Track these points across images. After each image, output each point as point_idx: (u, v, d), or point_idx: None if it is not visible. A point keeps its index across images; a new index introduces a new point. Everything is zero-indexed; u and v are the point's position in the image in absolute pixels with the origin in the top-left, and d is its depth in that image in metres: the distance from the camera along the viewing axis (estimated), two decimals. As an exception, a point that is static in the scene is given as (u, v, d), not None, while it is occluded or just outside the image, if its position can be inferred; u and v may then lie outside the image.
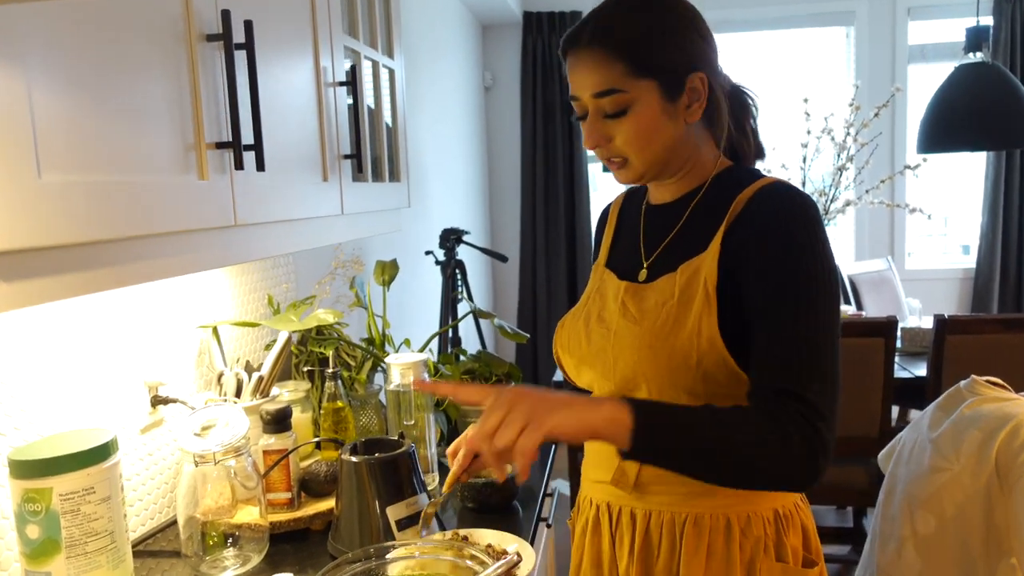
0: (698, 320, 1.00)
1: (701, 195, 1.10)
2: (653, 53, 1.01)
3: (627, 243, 1.19)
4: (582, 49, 1.03)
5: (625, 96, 1.01)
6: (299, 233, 1.22)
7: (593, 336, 1.12)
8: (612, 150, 1.06)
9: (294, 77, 1.19)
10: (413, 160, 2.93)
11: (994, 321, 2.46)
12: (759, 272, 0.99)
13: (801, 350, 0.95)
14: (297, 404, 1.52)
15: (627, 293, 1.10)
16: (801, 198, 1.01)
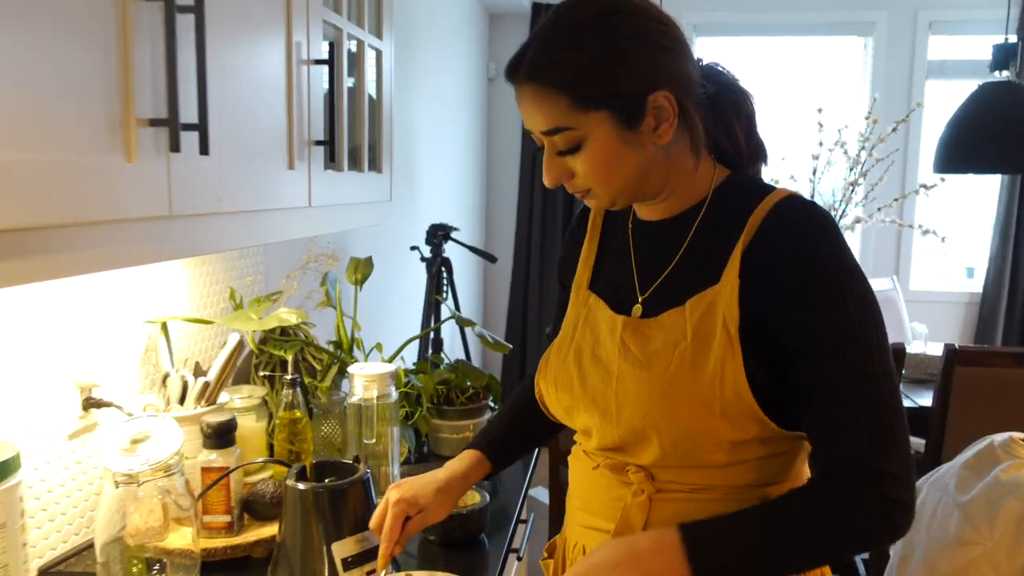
0: (720, 365, 0.87)
1: (703, 213, 0.96)
2: (599, 82, 0.87)
3: (615, 264, 1.05)
4: (522, 85, 0.91)
5: (575, 133, 0.89)
6: (255, 227, 1.08)
7: (589, 378, 0.98)
8: (575, 185, 0.95)
9: (258, 51, 1.05)
10: (406, 150, 2.79)
11: (1006, 355, 2.33)
12: (797, 317, 0.87)
13: (869, 413, 0.84)
14: (251, 412, 1.39)
15: (626, 330, 0.96)
16: (823, 215, 0.88)
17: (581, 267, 1.08)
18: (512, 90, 0.95)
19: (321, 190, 1.27)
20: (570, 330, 1.04)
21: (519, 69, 0.91)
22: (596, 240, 1.10)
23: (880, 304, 0.91)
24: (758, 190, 0.94)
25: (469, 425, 1.59)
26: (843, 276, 0.85)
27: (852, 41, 4.26)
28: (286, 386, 1.38)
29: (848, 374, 0.84)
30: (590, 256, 1.09)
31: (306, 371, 1.54)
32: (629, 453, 0.96)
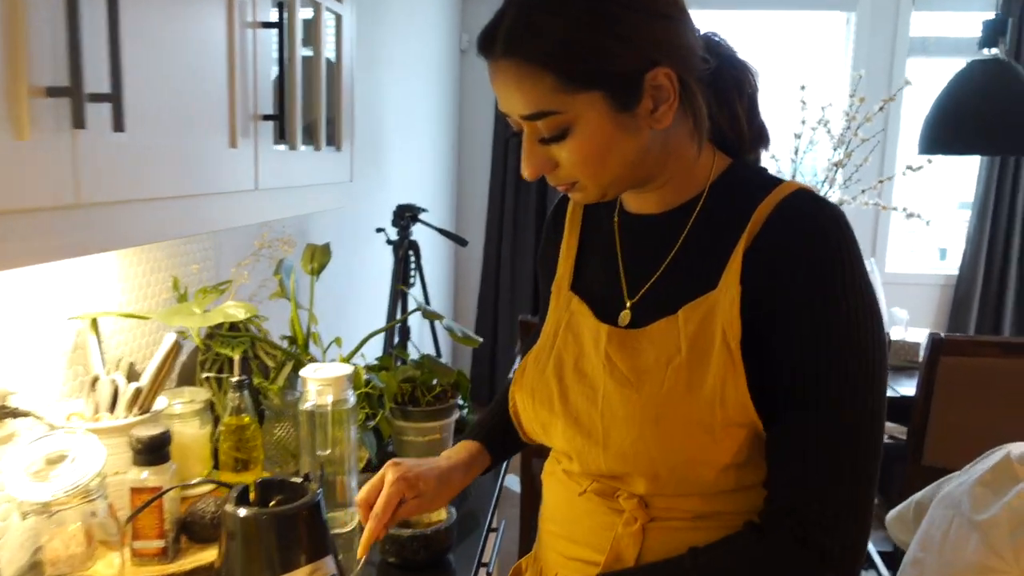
0: (719, 385, 0.76)
1: (700, 208, 0.84)
2: (592, 56, 0.74)
3: (599, 262, 0.92)
4: (499, 61, 0.78)
5: (561, 117, 0.76)
6: (188, 214, 0.94)
7: (571, 395, 0.86)
8: (559, 176, 0.81)
9: (191, 9, 0.91)
10: (372, 126, 2.63)
11: (992, 344, 2.26)
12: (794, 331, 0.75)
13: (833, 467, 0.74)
14: (193, 417, 1.25)
15: (611, 342, 0.84)
16: (838, 215, 0.77)
17: (561, 266, 0.96)
18: (485, 63, 0.82)
19: (270, 170, 1.12)
20: (550, 337, 0.92)
21: (494, 42, 0.78)
22: (576, 235, 0.97)
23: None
24: (763, 183, 0.82)
25: (436, 427, 1.47)
26: (854, 294, 0.75)
27: (834, 16, 4.16)
28: (232, 388, 1.24)
29: (829, 410, 0.74)
30: (570, 253, 0.96)
31: (258, 369, 1.41)
32: (620, 479, 0.84)
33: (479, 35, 0.81)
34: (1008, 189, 4.05)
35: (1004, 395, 2.27)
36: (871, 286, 0.76)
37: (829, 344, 0.74)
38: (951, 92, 2.73)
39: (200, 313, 1.27)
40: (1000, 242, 4.11)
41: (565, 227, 0.99)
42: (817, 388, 0.74)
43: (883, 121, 4.03)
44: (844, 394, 0.74)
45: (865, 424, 0.74)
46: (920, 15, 4.06)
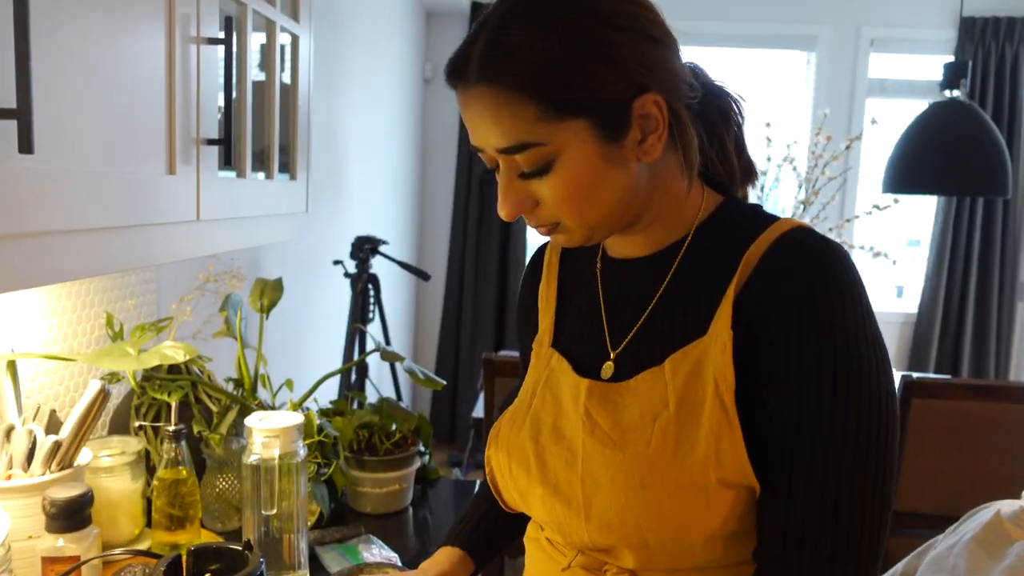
0: (713, 443, 0.67)
1: (686, 248, 0.76)
2: (577, 81, 0.67)
3: (580, 313, 0.84)
4: (471, 89, 0.70)
5: (544, 150, 0.68)
6: (116, 249, 0.83)
7: (548, 458, 0.77)
8: (540, 216, 0.73)
9: (124, 19, 0.81)
10: (332, 155, 2.53)
11: (965, 387, 2.22)
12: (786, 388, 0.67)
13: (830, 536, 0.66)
14: (124, 471, 1.13)
15: (591, 397, 0.75)
16: (840, 260, 0.69)
17: (543, 321, 0.88)
18: (449, 93, 0.73)
19: (214, 200, 1.02)
20: (528, 396, 0.83)
21: (466, 67, 0.69)
22: (554, 284, 0.89)
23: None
24: (758, 220, 0.75)
25: (395, 477, 1.36)
26: (857, 343, 0.66)
27: (796, 55, 4.20)
28: (168, 439, 1.12)
29: (829, 474, 0.66)
30: (549, 307, 0.88)
31: (200, 414, 1.29)
32: (607, 552, 0.75)
33: (449, 60, 0.72)
34: (964, 228, 4.10)
35: (976, 439, 2.23)
36: (878, 331, 0.68)
37: (830, 399, 0.66)
38: (915, 132, 2.74)
39: (134, 354, 1.15)
40: (958, 281, 4.15)
41: (542, 279, 0.90)
42: (813, 449, 0.66)
43: (844, 160, 4.07)
44: (846, 454, 0.66)
45: (868, 491, 0.66)
46: (878, 57, 4.13)
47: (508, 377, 2.06)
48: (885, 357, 0.68)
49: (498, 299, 4.20)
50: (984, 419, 2.21)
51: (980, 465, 2.24)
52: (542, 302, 0.89)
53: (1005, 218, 4.08)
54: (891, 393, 0.67)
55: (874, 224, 4.23)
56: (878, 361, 0.67)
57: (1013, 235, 4.12)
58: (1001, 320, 4.17)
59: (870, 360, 0.66)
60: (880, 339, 0.68)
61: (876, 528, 0.67)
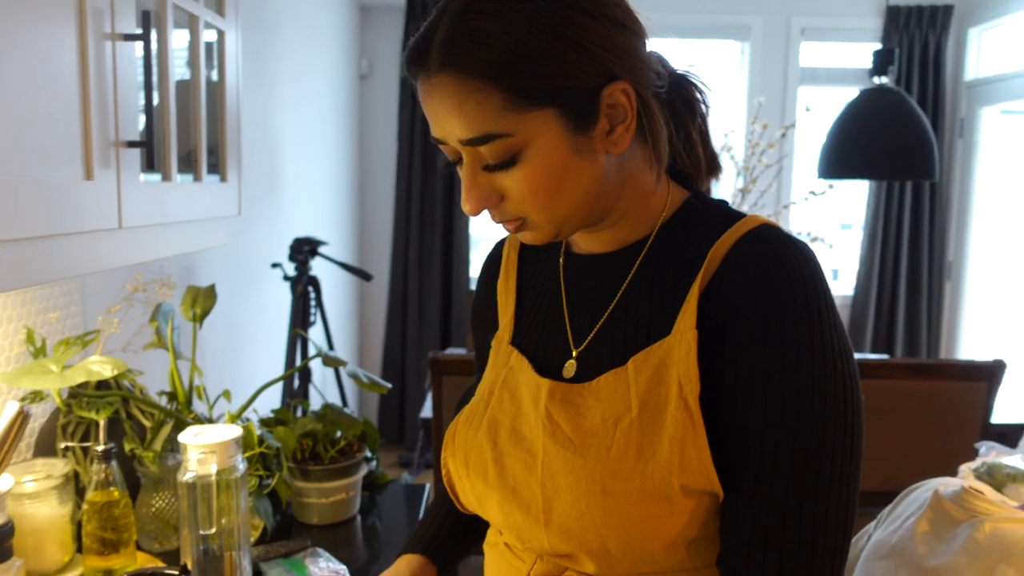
0: (677, 448, 0.65)
1: (650, 245, 0.74)
2: (546, 69, 0.64)
3: (541, 310, 0.81)
4: (433, 77, 0.66)
5: (511, 141, 0.66)
6: (28, 261, 0.78)
7: (507, 461, 0.74)
8: (506, 211, 0.70)
9: (27, 17, 0.75)
10: (267, 155, 2.46)
11: (900, 366, 2.28)
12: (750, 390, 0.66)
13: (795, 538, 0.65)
14: (51, 495, 1.07)
15: (553, 399, 0.73)
16: (806, 260, 0.67)
17: (502, 318, 0.85)
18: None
19: (137, 206, 0.97)
20: (485, 395, 0.80)
21: (428, 55, 0.66)
22: (513, 281, 0.86)
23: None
24: (724, 216, 0.73)
25: (341, 486, 1.32)
26: (823, 343, 0.65)
27: (730, 45, 4.26)
28: (97, 459, 1.06)
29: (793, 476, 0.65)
30: (509, 304, 0.85)
31: (133, 431, 1.23)
32: (567, 558, 0.73)
33: (408, 48, 0.68)
34: (895, 211, 4.22)
35: (913, 417, 2.29)
36: (843, 332, 0.67)
37: (794, 403, 0.64)
38: (846, 119, 2.80)
39: (58, 371, 1.09)
40: (890, 262, 4.27)
41: (501, 275, 0.87)
42: (778, 453, 0.65)
43: (780, 147, 4.15)
44: (810, 459, 0.64)
45: (834, 495, 0.65)
46: (809, 45, 4.21)
47: (455, 376, 2.03)
48: (851, 358, 0.67)
49: (443, 296, 4.15)
50: (919, 396, 2.28)
51: (918, 441, 2.30)
52: (501, 298, 0.86)
53: (932, 201, 4.22)
54: (857, 395, 0.66)
55: (810, 209, 4.33)
56: (844, 363, 0.66)
57: (940, 217, 4.26)
58: (931, 299, 4.32)
59: (835, 362, 0.65)
60: (845, 340, 0.67)
61: (841, 533, 0.66)
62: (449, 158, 0.72)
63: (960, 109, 4.17)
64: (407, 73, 0.69)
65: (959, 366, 2.28)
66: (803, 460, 0.64)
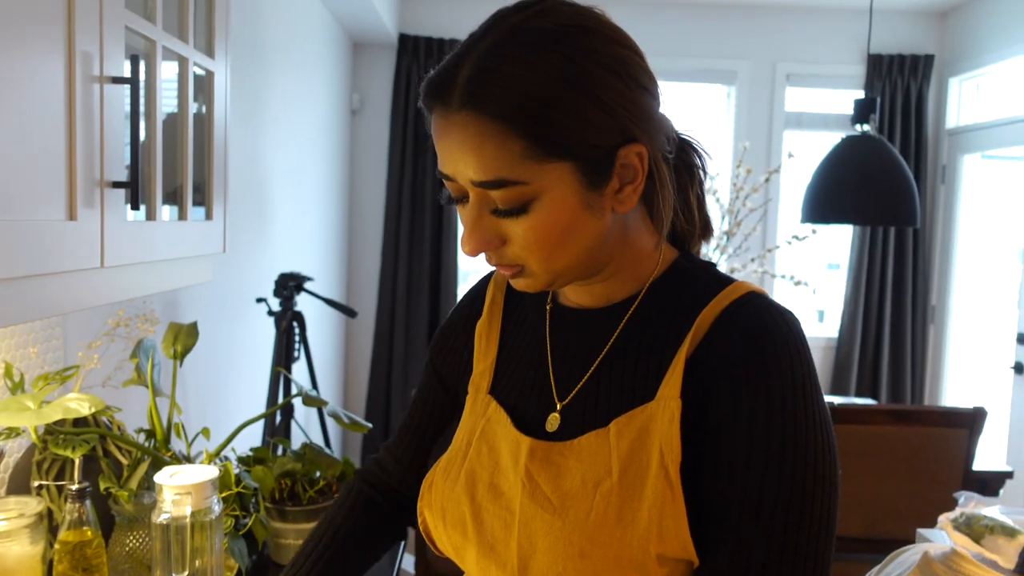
0: (656, 516, 0.65)
1: (637, 305, 0.75)
2: (570, 122, 0.64)
3: (524, 361, 0.81)
4: (454, 114, 0.66)
5: (525, 189, 0.66)
6: (7, 300, 0.78)
7: (484, 516, 0.74)
8: (506, 256, 0.70)
9: (14, 61, 0.77)
10: (255, 189, 2.47)
11: (884, 412, 2.30)
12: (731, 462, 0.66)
13: None
14: (23, 534, 1.05)
15: (534, 459, 0.72)
16: (792, 332, 0.68)
17: (480, 362, 0.84)
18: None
19: (120, 245, 0.97)
20: (463, 446, 0.79)
21: (451, 90, 0.65)
22: (497, 327, 0.85)
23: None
24: (711, 281, 0.74)
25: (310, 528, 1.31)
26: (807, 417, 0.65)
27: (717, 89, 4.33)
28: (71, 498, 1.05)
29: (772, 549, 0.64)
30: (490, 349, 0.84)
31: (109, 468, 1.22)
32: None
33: (429, 80, 0.68)
34: (879, 254, 4.27)
35: (895, 462, 2.30)
36: (824, 405, 0.67)
37: (776, 476, 0.64)
38: (829, 165, 2.84)
39: (35, 408, 1.08)
40: (874, 306, 4.31)
41: (483, 316, 0.86)
42: (755, 525, 0.64)
43: (765, 191, 4.20)
44: (788, 533, 0.64)
45: (809, 565, 0.64)
46: (793, 91, 4.29)
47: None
48: (831, 432, 0.67)
49: (430, 333, 4.15)
50: (902, 442, 2.28)
51: (900, 487, 2.30)
52: (480, 342, 0.85)
53: (916, 244, 4.27)
54: (836, 469, 0.66)
55: (796, 249, 4.38)
56: (825, 436, 0.66)
57: (924, 261, 4.31)
58: (915, 342, 4.35)
59: (817, 436, 0.65)
60: (826, 413, 0.67)
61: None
62: (452, 195, 0.71)
63: (942, 156, 4.25)
64: (424, 103, 0.68)
65: (941, 413, 2.30)
66: (781, 533, 0.64)
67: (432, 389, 0.93)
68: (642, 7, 4.13)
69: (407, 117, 4.06)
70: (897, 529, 2.30)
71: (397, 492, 0.98)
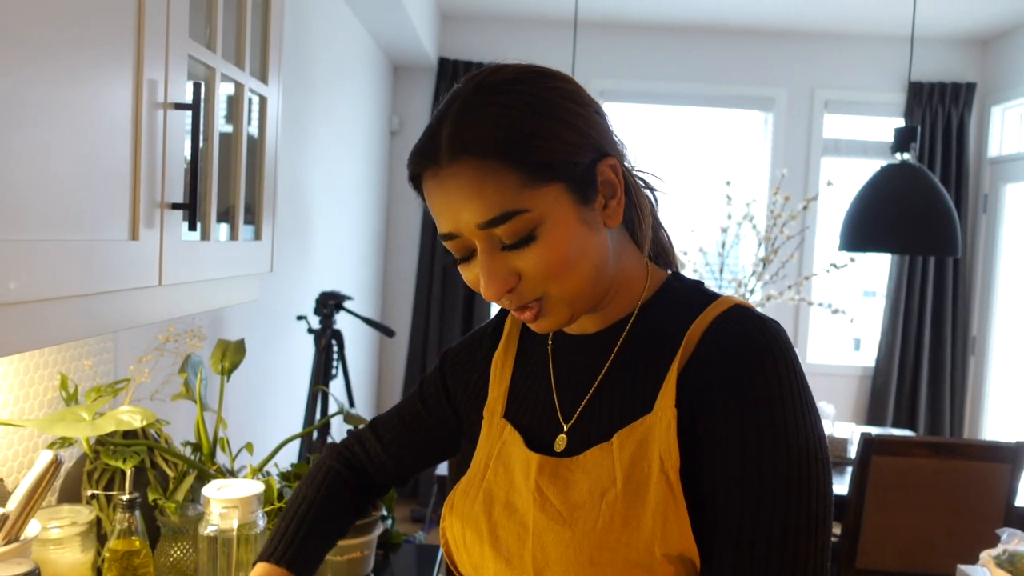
0: (660, 520, 0.68)
1: (631, 326, 0.79)
2: (548, 144, 0.70)
3: (533, 387, 0.85)
4: (445, 169, 0.70)
5: (529, 217, 0.70)
6: (71, 318, 0.81)
7: (500, 532, 0.77)
8: (524, 294, 0.73)
9: (88, 84, 0.81)
10: (298, 209, 2.53)
11: (923, 444, 2.26)
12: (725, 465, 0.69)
13: None
14: (75, 542, 1.09)
15: (543, 474, 0.76)
16: (776, 339, 0.71)
17: (494, 389, 0.88)
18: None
19: (178, 264, 1.01)
20: (481, 467, 0.83)
21: (436, 151, 0.71)
22: (512, 357, 0.89)
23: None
24: (699, 299, 0.78)
25: (357, 544, 1.33)
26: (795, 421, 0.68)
27: (754, 115, 4.33)
28: (122, 508, 1.08)
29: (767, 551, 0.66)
30: (504, 377, 0.88)
31: (156, 480, 1.25)
32: None
33: (413, 154, 0.73)
34: (918, 283, 4.21)
35: (934, 496, 2.26)
36: (814, 408, 0.71)
37: (768, 477, 0.67)
38: (868, 193, 2.83)
39: (89, 420, 1.12)
40: (912, 335, 4.24)
41: (500, 347, 0.91)
42: (755, 527, 0.67)
43: (803, 218, 4.18)
44: (787, 533, 0.66)
45: (809, 567, 0.67)
46: (832, 118, 4.27)
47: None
48: (820, 433, 0.69)
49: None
50: (941, 476, 2.24)
51: (939, 521, 2.26)
52: (496, 369, 0.89)
53: (956, 274, 4.20)
54: (827, 470, 0.69)
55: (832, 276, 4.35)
56: (814, 438, 0.68)
57: (964, 291, 4.24)
58: (955, 374, 4.26)
59: (806, 437, 0.68)
60: (816, 416, 0.70)
61: None
62: (456, 256, 0.75)
63: (984, 185, 4.19)
64: (412, 176, 0.74)
65: (982, 447, 2.25)
66: (776, 531, 0.66)
67: (435, 393, 0.98)
68: (679, 34, 4.16)
69: (445, 139, 4.11)
70: (935, 564, 2.26)
71: (367, 475, 1.03)
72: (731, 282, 3.04)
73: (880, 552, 2.29)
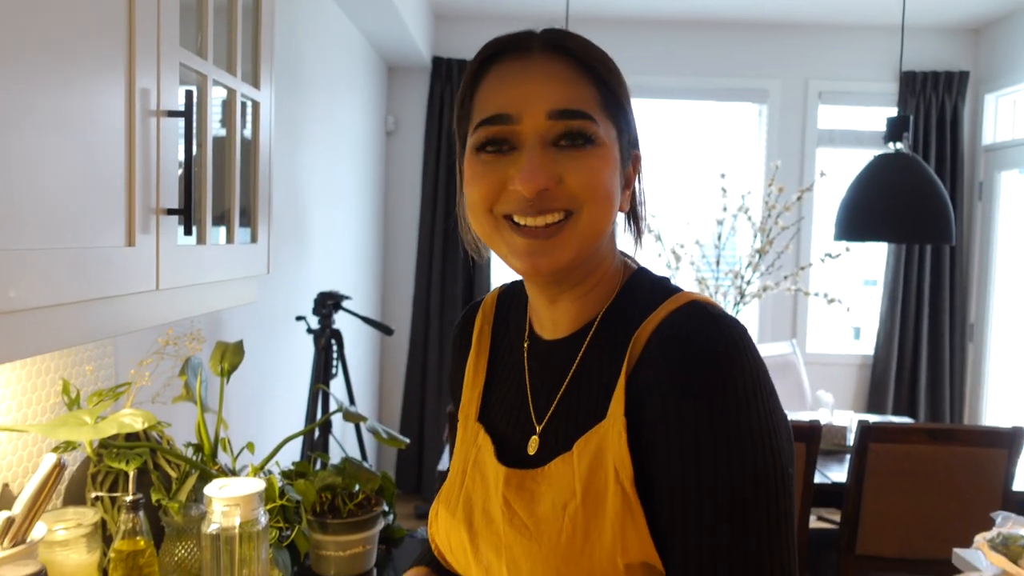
0: (619, 531, 0.66)
1: (595, 329, 0.76)
2: (623, 96, 0.75)
3: (509, 391, 0.83)
4: (537, 55, 0.72)
5: (595, 129, 0.71)
6: (70, 324, 0.83)
7: (480, 542, 0.77)
8: (558, 197, 0.70)
9: (81, 93, 0.82)
10: (295, 210, 2.55)
11: (920, 431, 2.28)
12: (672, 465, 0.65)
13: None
14: (79, 542, 1.11)
15: (510, 487, 0.75)
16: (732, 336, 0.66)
17: (468, 390, 0.87)
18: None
19: (174, 269, 1.03)
20: (459, 475, 0.83)
21: (529, 41, 0.74)
22: (485, 357, 0.88)
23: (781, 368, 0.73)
24: (655, 298, 0.73)
25: (359, 539, 1.35)
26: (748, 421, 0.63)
27: (748, 107, 4.34)
28: (126, 509, 1.10)
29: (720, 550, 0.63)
30: (478, 379, 0.87)
31: (159, 481, 1.27)
32: None
33: (493, 41, 0.75)
34: (915, 272, 4.22)
35: (932, 482, 2.28)
36: (770, 403, 0.66)
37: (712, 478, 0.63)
38: (862, 183, 2.84)
39: (91, 423, 1.13)
40: (911, 323, 4.25)
41: (472, 348, 0.89)
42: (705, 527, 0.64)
43: (798, 208, 4.19)
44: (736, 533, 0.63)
45: (766, 566, 0.63)
46: (826, 108, 4.29)
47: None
48: (775, 431, 0.65)
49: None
50: (939, 462, 2.26)
51: (937, 507, 2.28)
52: (470, 372, 0.87)
53: (952, 262, 4.22)
54: (783, 466, 0.64)
55: (831, 265, 4.36)
56: (765, 437, 0.64)
57: (961, 278, 4.26)
58: (954, 361, 4.28)
59: (754, 438, 0.63)
60: (770, 413, 0.65)
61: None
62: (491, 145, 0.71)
63: (979, 172, 4.20)
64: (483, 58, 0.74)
65: (980, 432, 2.27)
66: (729, 531, 0.63)
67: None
68: (672, 28, 4.17)
69: (440, 138, 4.13)
70: (935, 550, 2.28)
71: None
72: (728, 274, 3.05)
73: (879, 538, 2.31)
